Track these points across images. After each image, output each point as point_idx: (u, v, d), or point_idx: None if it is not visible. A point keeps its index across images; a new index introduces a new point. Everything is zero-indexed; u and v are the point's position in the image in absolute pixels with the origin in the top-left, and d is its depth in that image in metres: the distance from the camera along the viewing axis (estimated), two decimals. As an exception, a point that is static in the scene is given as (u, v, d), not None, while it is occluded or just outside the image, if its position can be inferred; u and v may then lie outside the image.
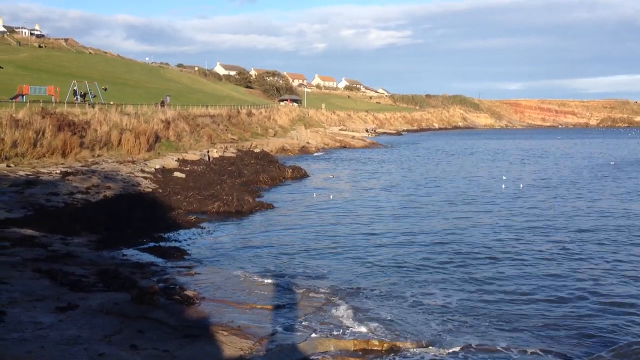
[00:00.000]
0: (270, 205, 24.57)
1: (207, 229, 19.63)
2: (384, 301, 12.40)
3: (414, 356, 9.48)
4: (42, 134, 26.58)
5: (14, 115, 27.14)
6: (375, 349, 9.59)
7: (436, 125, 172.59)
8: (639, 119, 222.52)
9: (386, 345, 9.66)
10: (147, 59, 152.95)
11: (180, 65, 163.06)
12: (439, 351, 9.69)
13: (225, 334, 9.36)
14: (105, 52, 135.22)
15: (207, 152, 37.29)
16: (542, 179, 37.74)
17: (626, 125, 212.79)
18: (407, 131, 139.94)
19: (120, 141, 31.78)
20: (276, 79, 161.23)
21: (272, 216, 22.62)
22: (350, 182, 35.14)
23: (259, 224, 20.99)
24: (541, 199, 28.35)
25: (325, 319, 10.86)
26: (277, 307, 11.30)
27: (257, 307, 11.22)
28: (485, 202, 27.35)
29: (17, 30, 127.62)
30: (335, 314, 11.22)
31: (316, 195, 28.86)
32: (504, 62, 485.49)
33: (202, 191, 25.06)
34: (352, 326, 10.56)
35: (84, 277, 11.62)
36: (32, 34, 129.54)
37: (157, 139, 35.73)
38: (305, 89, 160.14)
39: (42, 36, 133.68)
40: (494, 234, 19.70)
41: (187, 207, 22.30)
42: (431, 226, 21.15)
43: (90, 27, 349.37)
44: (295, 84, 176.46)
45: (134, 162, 28.73)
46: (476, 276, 14.51)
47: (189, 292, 11.26)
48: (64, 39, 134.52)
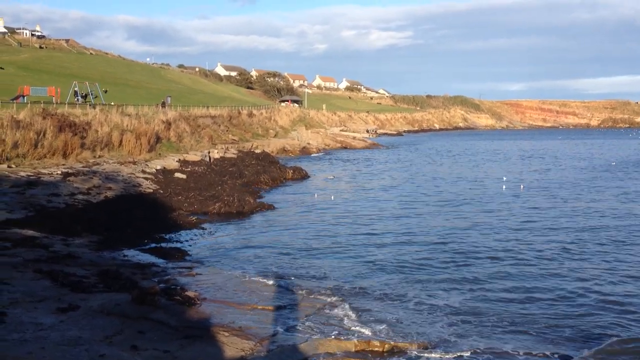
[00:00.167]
0: (271, 205, 24.58)
1: (208, 229, 19.63)
2: (386, 302, 12.39)
3: (416, 357, 9.45)
4: (43, 135, 26.58)
5: (15, 116, 27.17)
6: (376, 349, 9.57)
7: (437, 125, 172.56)
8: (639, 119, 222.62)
9: (387, 346, 9.63)
10: (148, 59, 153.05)
11: (181, 66, 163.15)
12: (442, 353, 9.63)
13: (226, 334, 9.36)
14: (106, 53, 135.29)
15: (208, 152, 37.31)
16: (543, 179, 37.72)
17: (627, 125, 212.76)
18: (408, 132, 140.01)
19: (121, 142, 31.80)
20: (277, 79, 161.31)
21: (273, 217, 22.61)
22: (351, 183, 35.14)
23: (260, 225, 21.00)
24: (542, 199, 28.33)
25: (326, 319, 10.85)
26: (278, 307, 11.30)
27: (258, 307, 11.22)
28: (485, 202, 27.33)
29: (18, 31, 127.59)
30: (336, 314, 11.22)
31: (317, 195, 28.86)
32: (505, 63, 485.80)
33: (203, 192, 25.06)
34: (353, 327, 10.56)
35: (85, 277, 11.62)
36: (33, 35, 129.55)
37: (158, 139, 35.74)
38: (306, 90, 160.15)
39: (43, 37, 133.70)
40: (494, 234, 19.69)
41: (188, 208, 22.31)
42: (432, 226, 21.15)
43: (91, 27, 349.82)
44: (296, 84, 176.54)
45: (134, 163, 28.74)
46: (478, 276, 14.50)
47: (190, 293, 11.25)
48: (65, 40, 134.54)
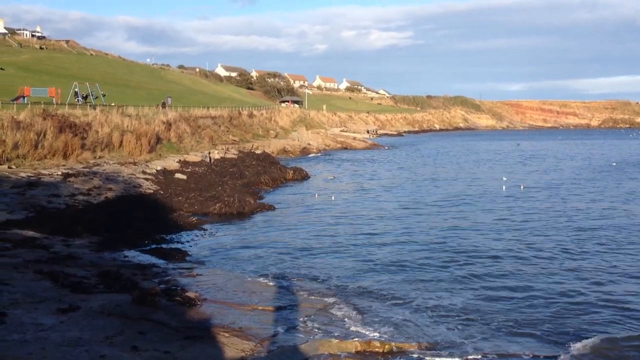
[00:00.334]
0: (271, 206, 24.57)
1: (208, 230, 19.62)
2: (387, 302, 12.36)
3: (418, 359, 9.40)
4: (44, 136, 26.58)
5: (16, 116, 27.17)
6: (377, 350, 9.53)
7: (437, 126, 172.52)
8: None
9: (388, 347, 9.60)
10: (148, 60, 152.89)
11: (181, 66, 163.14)
12: (444, 354, 9.56)
13: (226, 335, 9.35)
14: (106, 54, 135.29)
15: (209, 153, 37.30)
16: (543, 180, 37.69)
17: (627, 126, 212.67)
18: (408, 132, 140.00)
19: (121, 142, 31.80)
20: (277, 80, 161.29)
21: (273, 217, 22.61)
22: (351, 183, 35.13)
23: (260, 225, 20.99)
24: (542, 199, 28.30)
25: (326, 320, 10.83)
26: (279, 308, 11.28)
27: (259, 308, 11.21)
28: (485, 202, 27.32)
29: (18, 31, 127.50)
30: (337, 315, 11.21)
31: (317, 196, 28.85)
32: (505, 63, 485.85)
33: (203, 192, 25.06)
34: (354, 327, 10.54)
35: (85, 278, 11.61)
36: (33, 36, 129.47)
37: (158, 140, 35.74)
38: (306, 90, 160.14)
39: (43, 38, 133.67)
40: (494, 234, 19.67)
41: (189, 209, 22.30)
42: (432, 226, 21.14)
43: (91, 28, 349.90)
44: (296, 85, 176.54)
45: (135, 164, 28.73)
46: (479, 276, 14.48)
47: (191, 294, 11.25)
48: (65, 41, 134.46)
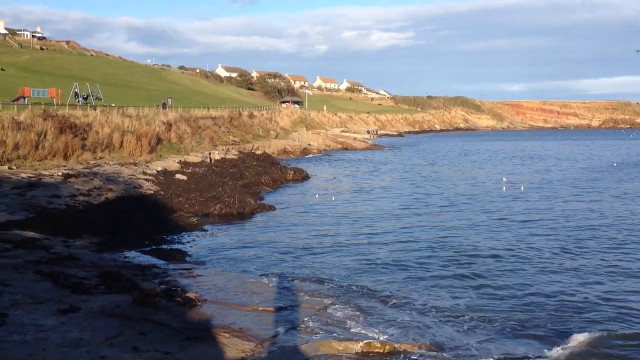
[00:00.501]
0: (272, 207, 24.57)
1: (208, 230, 19.61)
2: (388, 302, 12.34)
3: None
4: (44, 136, 26.58)
5: (16, 117, 27.16)
6: (377, 351, 9.51)
7: (438, 126, 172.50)
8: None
9: (389, 347, 9.56)
10: (149, 60, 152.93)
11: (181, 67, 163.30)
12: (446, 355, 9.52)
13: (227, 336, 9.34)
14: (106, 54, 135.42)
15: (209, 154, 37.28)
16: (544, 180, 37.68)
17: (628, 126, 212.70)
18: (409, 133, 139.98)
19: (121, 143, 31.79)
20: (278, 80, 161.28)
21: (273, 218, 22.60)
22: (351, 184, 35.13)
23: (260, 226, 20.98)
24: (542, 200, 28.29)
25: (327, 320, 10.81)
26: (279, 308, 11.27)
27: (259, 308, 11.19)
28: (486, 202, 27.31)
29: (18, 32, 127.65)
30: (337, 315, 11.19)
31: (318, 196, 28.85)
32: (506, 63, 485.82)
33: (203, 193, 25.05)
34: (354, 328, 10.52)
35: (86, 279, 11.61)
36: (33, 36, 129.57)
37: (158, 141, 35.73)
38: (306, 91, 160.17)
39: (44, 38, 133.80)
40: (495, 234, 19.67)
41: (189, 209, 22.29)
42: (433, 226, 21.14)
43: (91, 29, 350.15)
44: (296, 85, 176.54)
45: (135, 164, 28.73)
46: (480, 276, 14.48)
47: (191, 294, 11.24)
48: (66, 41, 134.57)
